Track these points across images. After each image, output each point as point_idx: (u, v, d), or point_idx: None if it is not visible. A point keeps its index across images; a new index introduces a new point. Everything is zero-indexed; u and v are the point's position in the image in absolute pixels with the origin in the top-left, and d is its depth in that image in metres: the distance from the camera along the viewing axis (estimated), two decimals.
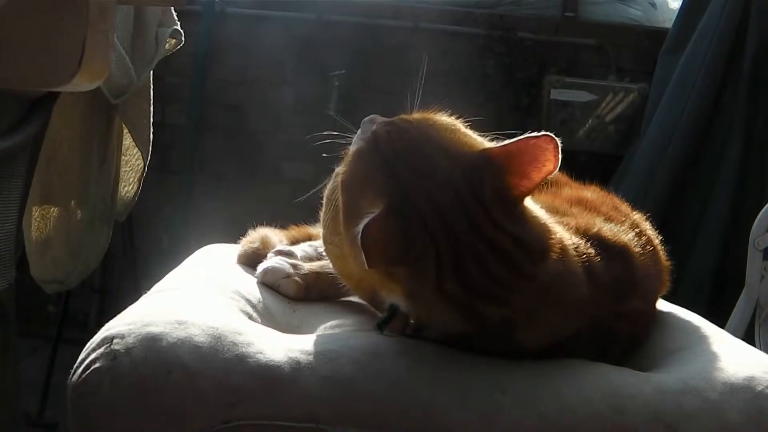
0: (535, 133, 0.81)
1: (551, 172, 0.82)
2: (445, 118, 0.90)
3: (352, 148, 0.92)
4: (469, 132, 0.89)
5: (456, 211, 0.81)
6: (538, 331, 0.85)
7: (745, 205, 2.51)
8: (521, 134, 0.82)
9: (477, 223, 0.81)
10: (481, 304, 0.82)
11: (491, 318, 0.83)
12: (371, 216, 0.79)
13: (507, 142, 0.83)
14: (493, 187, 0.82)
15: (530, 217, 0.85)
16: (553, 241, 0.84)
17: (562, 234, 0.88)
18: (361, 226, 0.78)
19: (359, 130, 0.94)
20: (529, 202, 0.86)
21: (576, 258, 0.87)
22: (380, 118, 0.93)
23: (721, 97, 2.69)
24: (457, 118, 0.91)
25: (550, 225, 0.86)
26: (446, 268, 0.81)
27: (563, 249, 0.85)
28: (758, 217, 1.82)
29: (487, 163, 0.82)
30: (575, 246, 0.89)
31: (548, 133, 0.81)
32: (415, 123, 0.89)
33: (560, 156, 0.81)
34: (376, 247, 0.79)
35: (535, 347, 0.86)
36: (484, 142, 0.87)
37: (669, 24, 3.02)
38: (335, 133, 0.99)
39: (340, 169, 1.02)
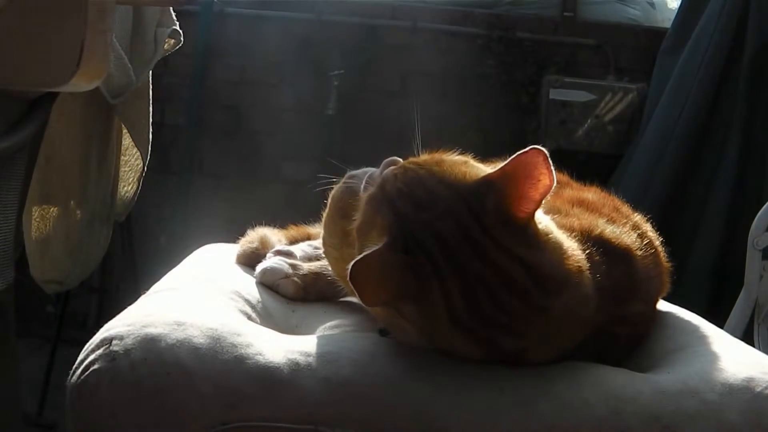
0: (524, 150, 0.78)
1: (549, 187, 0.79)
2: (453, 156, 0.89)
3: (364, 194, 0.91)
4: (477, 164, 0.87)
5: (459, 239, 0.79)
6: (546, 353, 0.85)
7: (744, 205, 2.51)
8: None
9: (482, 249, 0.79)
10: (497, 334, 0.80)
11: (507, 348, 0.82)
12: (366, 252, 0.78)
13: (503, 164, 0.81)
14: (497, 212, 0.80)
15: (545, 242, 0.82)
16: (571, 268, 0.82)
17: (578, 254, 0.85)
18: (351, 263, 0.76)
19: (378, 169, 0.92)
20: (544, 223, 0.84)
21: (590, 279, 0.85)
22: (399, 161, 0.91)
23: (719, 97, 2.69)
24: (468, 154, 0.89)
25: (567, 247, 0.84)
26: (454, 298, 0.79)
27: (581, 274, 0.83)
28: (757, 216, 1.82)
29: (487, 189, 0.81)
30: (587, 258, 0.87)
31: (536, 146, 0.78)
32: (421, 163, 0.88)
33: (552, 168, 0.78)
34: (371, 283, 0.78)
35: (542, 362, 0.85)
36: (489, 171, 0.85)
37: (668, 24, 3.03)
38: (332, 177, 0.99)
39: (336, 191, 1.03)
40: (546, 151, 0.78)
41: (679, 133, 2.71)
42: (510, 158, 0.80)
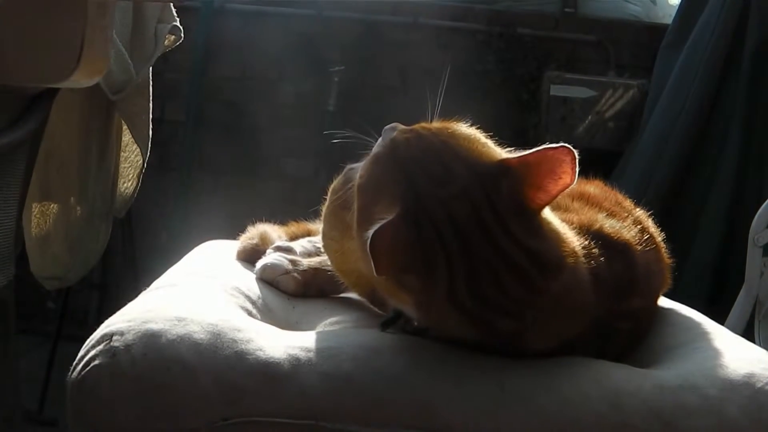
0: (552, 144, 0.80)
1: (568, 185, 0.80)
2: (465, 128, 0.88)
3: (371, 153, 0.90)
4: (489, 142, 0.87)
5: (472, 221, 0.80)
6: (545, 338, 0.85)
7: (745, 202, 2.51)
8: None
9: (492, 235, 0.80)
10: (494, 316, 0.81)
11: (503, 329, 0.82)
12: (382, 222, 0.78)
13: (525, 152, 0.82)
14: (511, 199, 0.81)
15: (547, 230, 0.83)
16: (567, 252, 0.83)
17: (574, 241, 0.87)
18: (371, 232, 0.77)
19: (380, 138, 0.92)
20: (546, 212, 0.85)
21: (585, 264, 0.86)
22: (401, 126, 0.91)
23: (720, 93, 2.68)
24: (477, 128, 0.89)
25: (564, 234, 0.85)
26: (458, 279, 0.80)
27: (576, 258, 0.85)
28: (758, 213, 1.82)
29: (505, 174, 0.82)
30: (583, 248, 0.88)
31: (566, 144, 0.79)
32: (434, 131, 0.87)
33: (577, 168, 0.80)
34: (385, 253, 0.78)
35: (540, 351, 0.86)
36: (502, 153, 0.86)
37: (668, 20, 3.03)
38: (350, 134, 0.97)
39: (349, 175, 1.02)
40: (576, 152, 0.79)
41: (679, 129, 2.70)
42: (535, 149, 0.80)
